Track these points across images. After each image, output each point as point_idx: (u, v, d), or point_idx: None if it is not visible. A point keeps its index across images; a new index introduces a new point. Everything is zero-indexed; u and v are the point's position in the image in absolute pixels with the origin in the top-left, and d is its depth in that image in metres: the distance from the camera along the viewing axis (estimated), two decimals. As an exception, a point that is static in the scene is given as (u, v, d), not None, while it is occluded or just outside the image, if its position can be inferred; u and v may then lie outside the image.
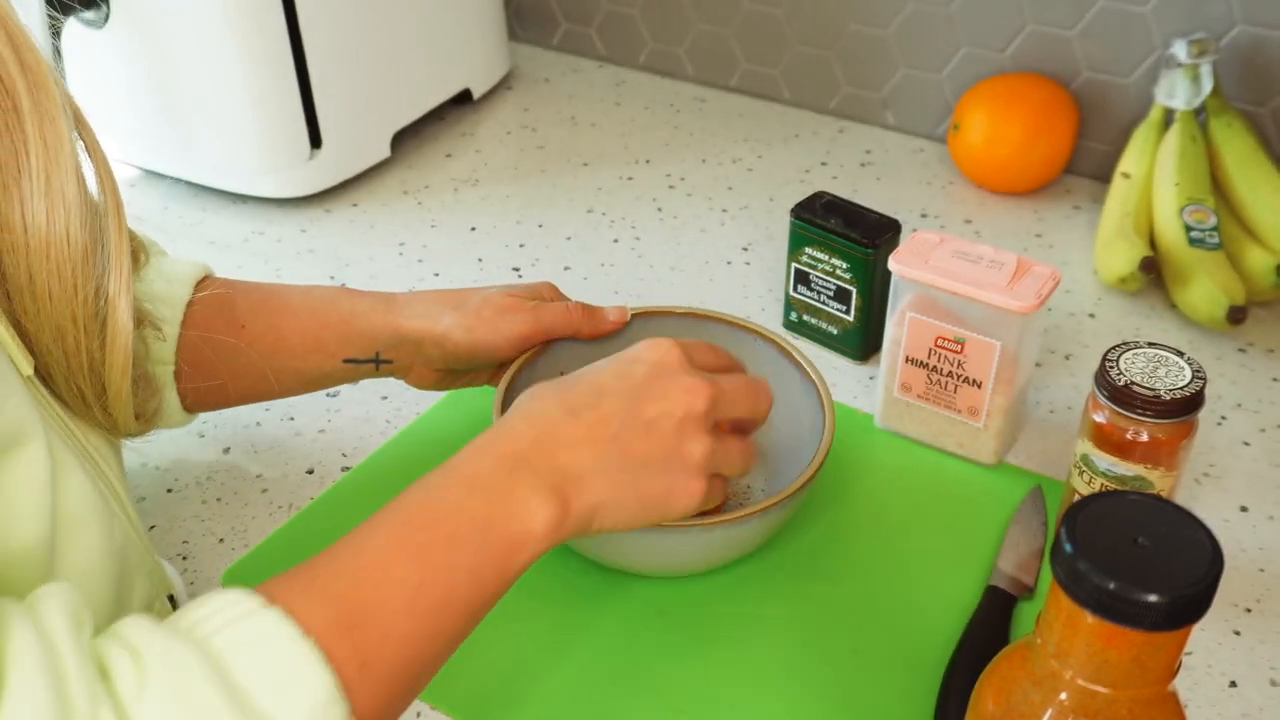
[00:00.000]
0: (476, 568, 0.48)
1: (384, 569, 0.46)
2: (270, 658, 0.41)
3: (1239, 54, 0.94)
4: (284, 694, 0.40)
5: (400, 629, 0.45)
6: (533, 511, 0.50)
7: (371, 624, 0.44)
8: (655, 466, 0.55)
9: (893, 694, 0.61)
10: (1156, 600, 0.39)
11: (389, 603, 0.45)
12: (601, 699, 0.61)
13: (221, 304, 0.67)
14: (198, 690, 0.39)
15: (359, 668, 0.43)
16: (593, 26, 1.27)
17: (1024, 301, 0.68)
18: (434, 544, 0.47)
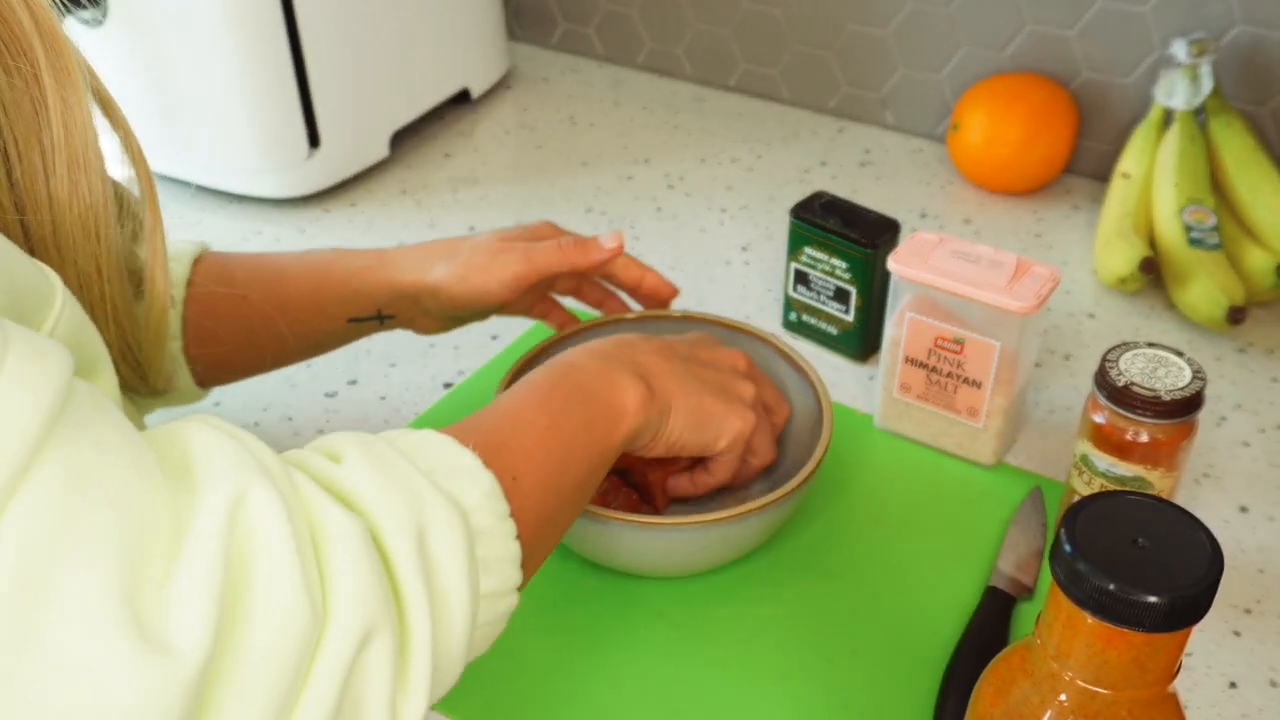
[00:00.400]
0: (591, 421, 0.55)
1: (515, 414, 0.52)
2: (442, 455, 0.46)
3: (1238, 54, 0.94)
4: (460, 480, 0.45)
5: (537, 456, 0.50)
6: (627, 387, 0.57)
7: (514, 448, 0.50)
8: (714, 389, 0.63)
9: (892, 694, 0.61)
10: (1156, 601, 0.39)
11: (525, 436, 0.51)
12: (601, 700, 0.61)
13: (220, 278, 0.68)
14: (394, 462, 0.43)
15: (511, 479, 0.48)
16: (591, 26, 1.27)
17: (1023, 302, 0.68)
18: (554, 398, 0.54)
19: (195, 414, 0.42)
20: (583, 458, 0.53)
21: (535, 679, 0.62)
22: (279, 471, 0.40)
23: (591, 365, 0.58)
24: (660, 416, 0.59)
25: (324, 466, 0.43)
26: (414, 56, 1.08)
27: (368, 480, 0.42)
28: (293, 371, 0.84)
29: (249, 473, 0.38)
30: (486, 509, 0.45)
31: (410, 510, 0.42)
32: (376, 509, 0.41)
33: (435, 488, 0.43)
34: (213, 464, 0.38)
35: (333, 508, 0.39)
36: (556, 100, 1.21)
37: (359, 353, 0.86)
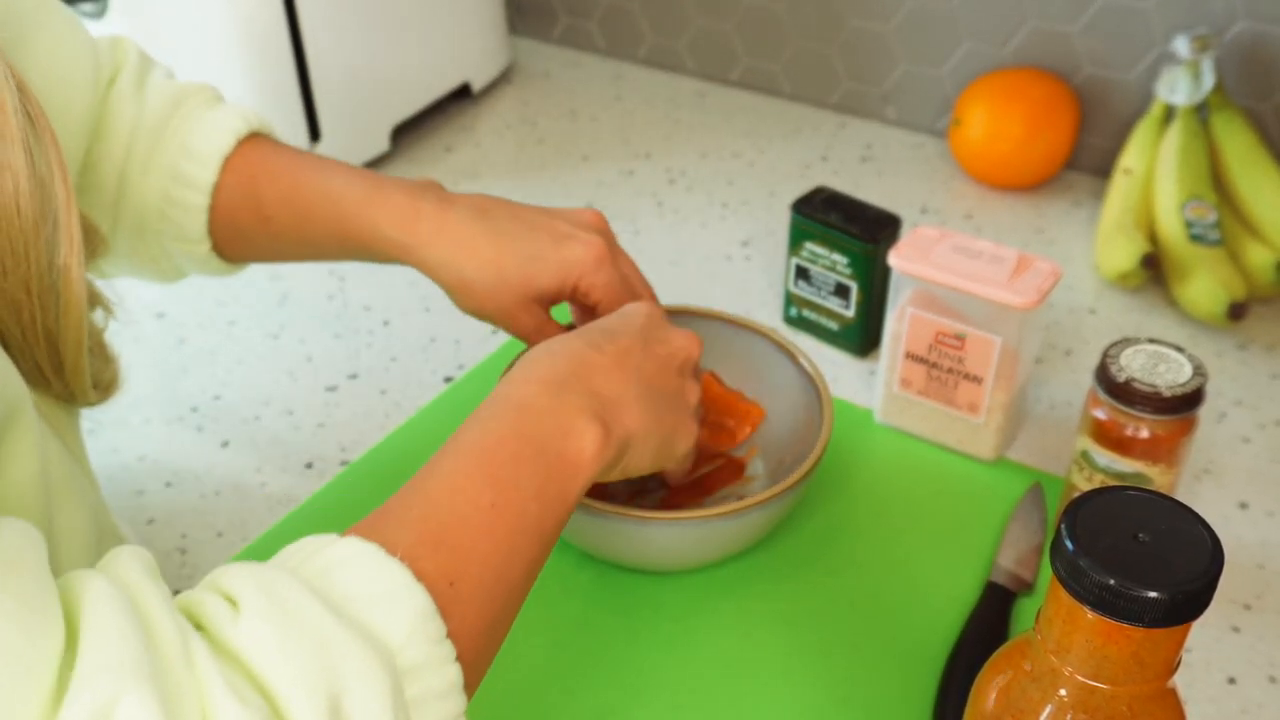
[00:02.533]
0: (542, 486, 0.48)
1: (457, 492, 0.46)
2: (363, 577, 0.40)
3: (1240, 50, 0.94)
4: (383, 609, 0.39)
5: (481, 549, 0.44)
6: (582, 431, 0.50)
7: (453, 545, 0.44)
8: (669, 400, 0.58)
9: (892, 689, 0.61)
10: (1156, 596, 0.39)
11: (467, 524, 0.45)
12: (600, 694, 0.61)
13: (246, 193, 0.66)
14: (299, 606, 0.38)
15: (448, 586, 0.42)
16: (593, 20, 1.26)
17: (1024, 297, 0.68)
18: (500, 465, 0.47)
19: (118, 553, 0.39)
20: (534, 533, 0.47)
21: (534, 673, 0.62)
22: (174, 655, 0.35)
23: (543, 405, 0.51)
24: (618, 454, 0.53)
25: (221, 622, 0.37)
26: (415, 50, 1.08)
27: (268, 642, 0.36)
28: (293, 365, 0.84)
29: (126, 674, 0.33)
30: (419, 637, 0.39)
31: (318, 673, 0.36)
32: (278, 682, 0.36)
33: (351, 632, 0.37)
34: (91, 657, 0.34)
35: (227, 703, 0.35)
36: (558, 95, 1.21)
37: (360, 347, 0.86)
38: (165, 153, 0.65)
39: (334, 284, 0.93)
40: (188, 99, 0.66)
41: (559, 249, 0.64)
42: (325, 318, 0.89)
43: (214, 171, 0.65)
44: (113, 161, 0.64)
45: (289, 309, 0.90)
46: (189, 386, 0.83)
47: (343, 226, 0.65)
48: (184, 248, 0.67)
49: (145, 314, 0.89)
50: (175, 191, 0.65)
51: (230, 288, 0.92)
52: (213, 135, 0.65)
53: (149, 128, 0.65)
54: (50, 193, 0.46)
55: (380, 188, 0.65)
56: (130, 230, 0.66)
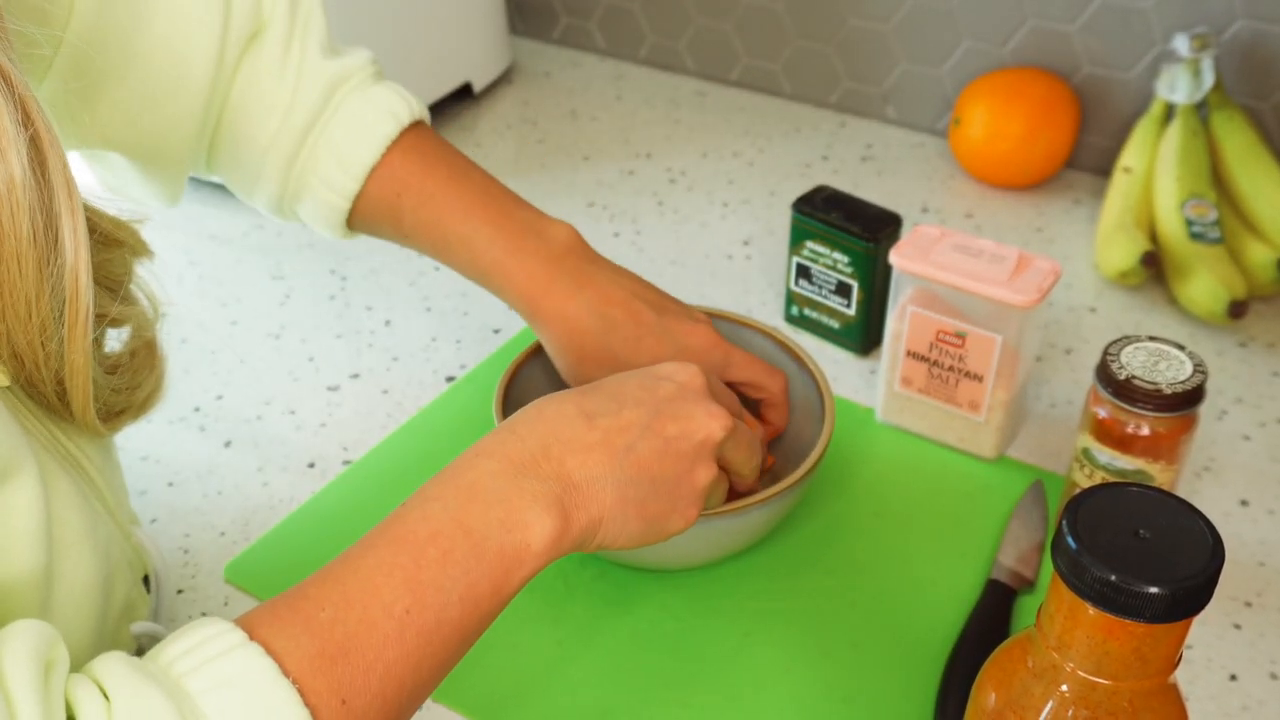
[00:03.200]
0: (470, 587, 0.46)
1: (372, 594, 0.44)
2: (245, 699, 0.40)
3: (1240, 48, 0.94)
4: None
5: (385, 659, 0.43)
6: (531, 523, 0.47)
7: (355, 656, 0.42)
8: (664, 487, 0.53)
9: (893, 687, 0.61)
10: (1158, 592, 0.39)
11: (374, 631, 0.43)
12: (602, 692, 0.61)
13: (389, 209, 0.67)
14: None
15: (340, 704, 0.41)
16: (593, 20, 1.27)
17: (1025, 296, 0.68)
18: (426, 564, 0.45)
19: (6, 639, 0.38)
20: (451, 636, 0.45)
21: (536, 672, 0.62)
22: None
23: (493, 490, 0.48)
24: (582, 541, 0.50)
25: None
26: (416, 50, 1.08)
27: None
28: (295, 365, 0.84)
29: None
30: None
31: None
32: None
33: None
34: None
35: None
36: (558, 95, 1.21)
37: (362, 347, 0.86)
38: (313, 153, 0.66)
39: (335, 284, 0.93)
40: (341, 85, 0.66)
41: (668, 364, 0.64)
42: (327, 317, 0.90)
43: (359, 182, 0.66)
44: (255, 146, 0.65)
45: (291, 309, 0.90)
46: (191, 386, 0.83)
47: (477, 273, 0.68)
48: (316, 227, 0.69)
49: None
50: (319, 190, 0.67)
51: (232, 288, 0.93)
52: (363, 142, 0.66)
53: (298, 123, 0.65)
54: (54, 212, 0.44)
55: (521, 250, 0.66)
56: (268, 203, 0.69)
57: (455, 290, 0.92)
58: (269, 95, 0.64)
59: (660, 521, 0.54)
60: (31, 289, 0.43)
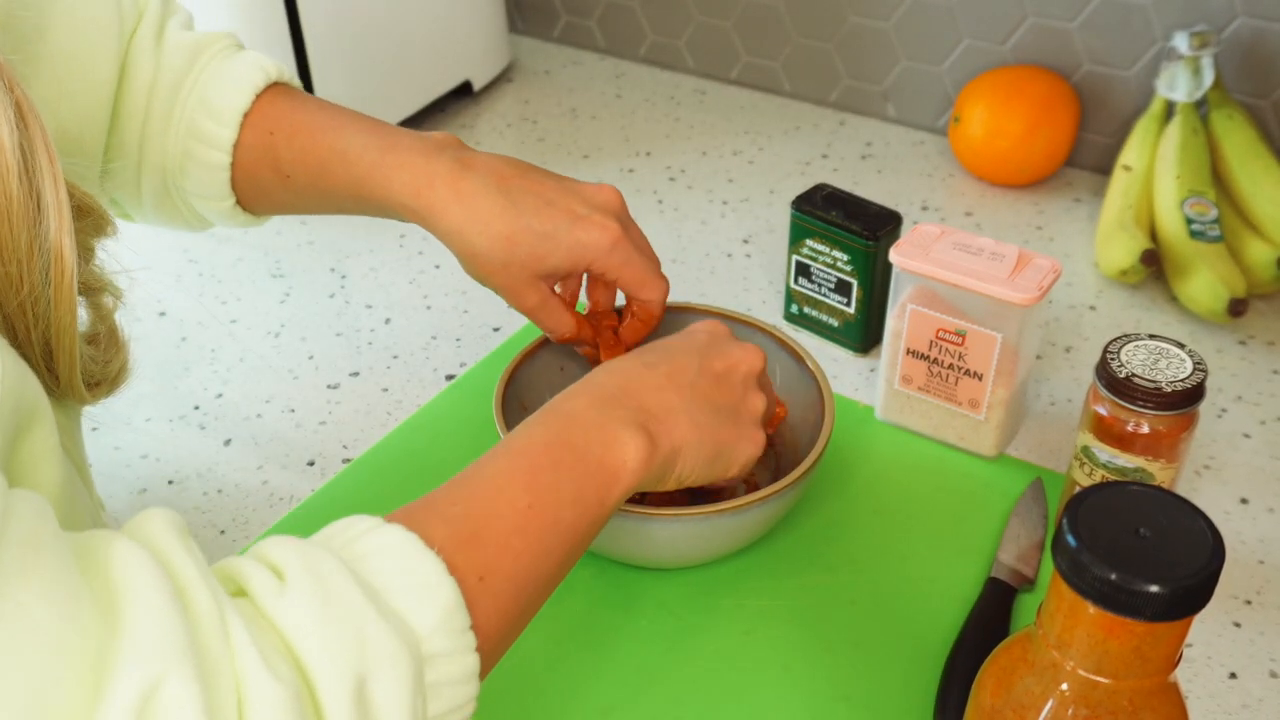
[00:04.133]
0: (579, 492, 0.51)
1: (495, 493, 0.48)
2: (400, 566, 0.42)
3: (1240, 46, 0.94)
4: (416, 598, 0.42)
5: (514, 547, 0.47)
6: (625, 442, 0.53)
7: (487, 541, 0.46)
8: (727, 413, 0.60)
9: (893, 685, 0.61)
10: (1158, 590, 0.39)
11: (501, 522, 0.47)
12: (602, 690, 0.61)
13: (265, 149, 0.66)
14: (342, 590, 0.40)
15: (478, 580, 0.45)
16: (593, 19, 1.26)
17: (1025, 294, 0.68)
18: (540, 470, 0.50)
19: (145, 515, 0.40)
20: (567, 536, 0.50)
21: (536, 670, 0.62)
22: (211, 628, 0.37)
23: (589, 417, 0.54)
24: (665, 466, 0.56)
25: (266, 593, 0.40)
26: (415, 49, 1.08)
27: (309, 620, 0.39)
28: (295, 363, 0.84)
29: (168, 655, 0.35)
30: (445, 629, 0.42)
31: (351, 655, 0.39)
32: (313, 658, 0.38)
33: (384, 622, 0.40)
34: (132, 637, 0.35)
35: (260, 676, 0.37)
36: (558, 93, 1.21)
37: (361, 345, 0.86)
38: (184, 109, 0.65)
39: (335, 282, 0.93)
40: (204, 50, 0.66)
41: (573, 230, 0.63)
42: (327, 316, 0.89)
43: (233, 129, 0.65)
44: (133, 119, 0.64)
45: (290, 307, 0.90)
46: (191, 385, 0.83)
47: (358, 188, 0.65)
48: (208, 204, 0.67)
49: (147, 312, 0.89)
50: (196, 149, 0.65)
51: (232, 286, 0.93)
52: (231, 91, 0.65)
53: (166, 87, 0.64)
54: (38, 174, 0.45)
55: (395, 148, 0.64)
56: (154, 187, 0.67)
57: (455, 289, 0.92)
58: (141, 71, 0.64)
59: (730, 447, 0.60)
60: (22, 250, 0.44)
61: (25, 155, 0.44)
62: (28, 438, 0.44)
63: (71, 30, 0.60)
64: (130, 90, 0.64)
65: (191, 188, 0.66)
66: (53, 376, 0.49)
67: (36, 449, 0.44)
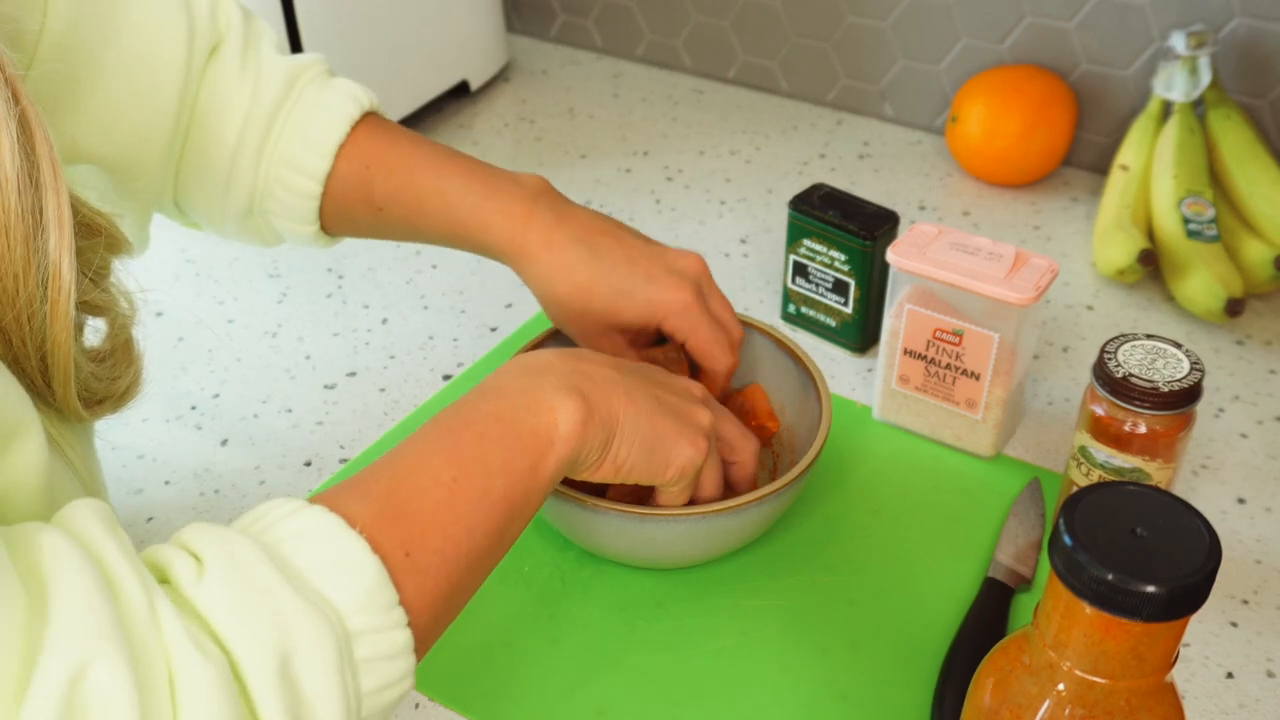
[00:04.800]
0: (509, 462, 0.50)
1: (420, 468, 0.48)
2: (321, 546, 0.43)
3: (1237, 46, 0.94)
4: (337, 578, 0.42)
5: (440, 520, 0.46)
6: (556, 406, 0.52)
7: (412, 516, 0.46)
8: (669, 408, 0.58)
9: (890, 685, 0.61)
10: (1155, 591, 0.39)
11: (427, 496, 0.47)
12: (599, 690, 0.61)
13: (360, 182, 0.67)
14: (257, 573, 0.40)
15: (404, 556, 0.44)
16: (590, 18, 1.26)
17: (1022, 293, 0.68)
18: (465, 444, 0.49)
19: (72, 508, 0.40)
20: (499, 506, 0.49)
21: (533, 669, 0.62)
22: (140, 613, 0.37)
23: (516, 386, 0.53)
24: (604, 433, 0.54)
25: (185, 580, 0.40)
26: (412, 49, 1.08)
27: (225, 605, 0.39)
28: (292, 363, 0.84)
29: (95, 637, 0.35)
30: (368, 605, 0.42)
31: (270, 634, 0.39)
32: (234, 640, 0.39)
33: (302, 600, 0.40)
34: (59, 622, 0.35)
35: (189, 655, 0.37)
36: (555, 92, 1.21)
37: (359, 345, 0.86)
38: (279, 140, 0.66)
39: (333, 282, 0.93)
40: (299, 77, 0.67)
41: (648, 288, 0.66)
42: (324, 316, 0.89)
43: (328, 160, 0.66)
44: (223, 146, 0.65)
45: (287, 307, 0.90)
46: (188, 384, 0.83)
47: (454, 226, 0.67)
48: (292, 226, 0.68)
49: (144, 312, 0.89)
50: (288, 177, 0.66)
51: (229, 287, 0.93)
52: (326, 122, 0.66)
53: (261, 115, 0.65)
54: (40, 189, 0.45)
55: (496, 193, 0.67)
56: (238, 210, 0.68)
57: (452, 289, 0.92)
58: (233, 97, 0.65)
59: (670, 441, 0.57)
60: (19, 263, 0.44)
61: (27, 168, 0.44)
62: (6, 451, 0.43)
63: (139, 42, 0.61)
64: (221, 119, 0.65)
65: (276, 210, 0.68)
66: (50, 391, 0.49)
67: (18, 464, 0.44)
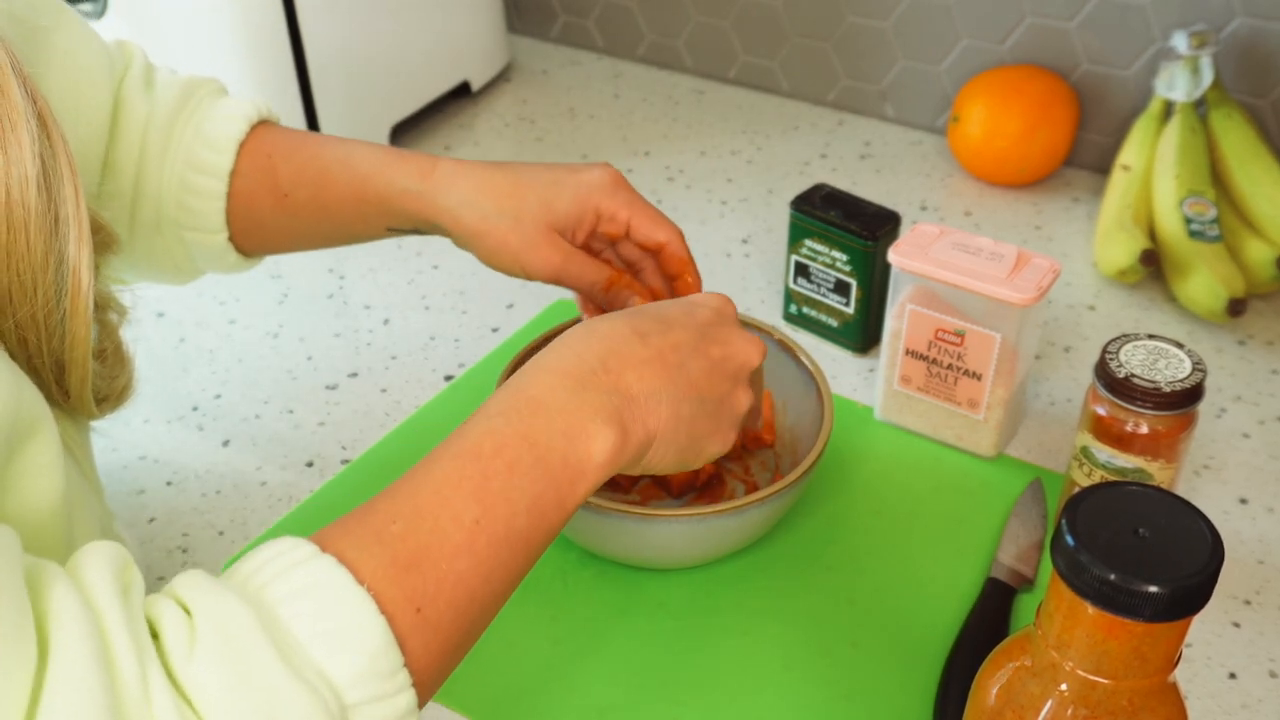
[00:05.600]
0: (537, 498, 0.46)
1: (441, 505, 0.44)
2: (322, 608, 0.40)
3: (1239, 46, 0.94)
4: (337, 644, 0.39)
5: (457, 569, 0.43)
6: (593, 435, 0.49)
7: (427, 566, 0.43)
8: (710, 406, 0.55)
9: (892, 686, 0.61)
10: (1157, 591, 0.39)
11: (446, 542, 0.44)
12: (601, 691, 0.61)
13: (264, 171, 0.67)
14: (249, 649, 0.38)
15: (414, 613, 0.42)
16: (591, 19, 1.26)
17: (1024, 294, 0.68)
18: (493, 474, 0.46)
19: (87, 552, 0.40)
20: (519, 548, 0.46)
21: (535, 670, 0.62)
22: (132, 689, 0.36)
23: (556, 404, 0.49)
24: (636, 456, 0.52)
25: (176, 651, 0.38)
26: (414, 49, 1.08)
27: (214, 686, 0.37)
28: (294, 364, 0.84)
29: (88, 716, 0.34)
30: (370, 675, 0.40)
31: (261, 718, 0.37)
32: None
33: (296, 681, 0.38)
34: (59, 690, 0.34)
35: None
36: (556, 93, 1.21)
37: (360, 345, 0.86)
38: (180, 142, 0.65)
39: (334, 283, 0.93)
40: (196, 90, 0.67)
41: (575, 174, 0.65)
42: (325, 316, 0.89)
43: (230, 157, 0.66)
44: (128, 157, 0.65)
45: (289, 308, 0.90)
46: (189, 385, 0.83)
47: (361, 187, 0.66)
48: (201, 238, 0.67)
49: (146, 313, 0.89)
50: (193, 179, 0.65)
51: (230, 287, 0.93)
52: (227, 122, 0.66)
53: (161, 121, 0.65)
54: (58, 186, 0.45)
55: (398, 151, 0.67)
56: (147, 226, 0.67)
57: (453, 289, 0.92)
58: (135, 111, 0.65)
59: (703, 441, 0.56)
60: (38, 261, 0.44)
61: (46, 166, 0.43)
62: (24, 451, 0.44)
63: (65, 76, 0.61)
64: (124, 129, 0.65)
65: (186, 220, 0.66)
66: (62, 391, 0.49)
67: (35, 462, 0.44)
